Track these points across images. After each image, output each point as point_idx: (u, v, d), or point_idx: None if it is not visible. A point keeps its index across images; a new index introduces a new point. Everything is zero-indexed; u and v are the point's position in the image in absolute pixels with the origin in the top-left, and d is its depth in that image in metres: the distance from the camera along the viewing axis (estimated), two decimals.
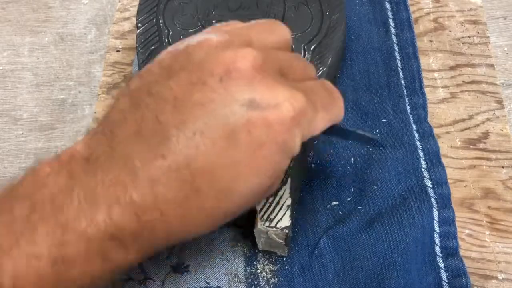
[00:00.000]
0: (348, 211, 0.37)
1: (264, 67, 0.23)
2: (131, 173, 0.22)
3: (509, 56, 0.44)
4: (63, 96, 0.45)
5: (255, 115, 0.22)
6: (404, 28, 0.44)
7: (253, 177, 0.23)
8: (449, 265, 0.35)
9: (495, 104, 0.42)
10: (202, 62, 0.23)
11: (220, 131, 0.22)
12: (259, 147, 0.23)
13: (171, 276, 0.35)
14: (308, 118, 0.24)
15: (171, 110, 0.22)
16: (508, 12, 0.46)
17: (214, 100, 0.22)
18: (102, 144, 0.23)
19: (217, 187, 0.23)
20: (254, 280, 0.35)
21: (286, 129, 0.23)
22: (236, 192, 0.23)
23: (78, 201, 0.22)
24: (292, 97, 0.23)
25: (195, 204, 0.23)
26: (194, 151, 0.22)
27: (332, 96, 0.28)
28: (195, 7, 0.39)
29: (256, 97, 0.23)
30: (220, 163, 0.22)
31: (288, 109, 0.23)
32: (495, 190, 0.38)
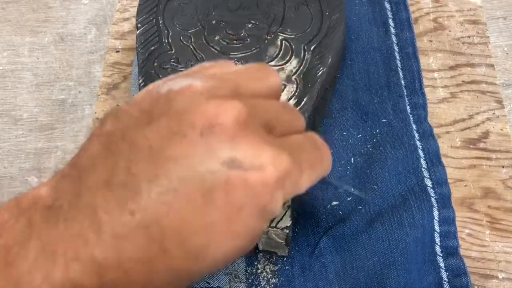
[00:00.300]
0: (348, 211, 0.37)
1: (249, 122, 0.22)
2: (95, 227, 0.20)
3: (509, 56, 0.44)
4: (63, 96, 0.45)
5: (235, 176, 0.21)
6: (404, 28, 0.44)
7: (228, 240, 0.21)
8: (449, 264, 0.35)
9: (495, 104, 0.42)
10: (184, 112, 0.21)
11: (196, 189, 0.20)
12: (237, 210, 0.21)
13: None
14: (293, 179, 0.22)
15: (145, 161, 0.21)
16: (508, 12, 0.46)
17: (192, 155, 0.21)
18: (68, 191, 0.21)
19: (187, 248, 0.21)
20: (255, 280, 0.35)
21: (268, 192, 0.21)
22: (207, 255, 0.21)
23: (35, 254, 0.20)
24: (277, 158, 0.21)
25: (162, 265, 0.21)
26: (166, 208, 0.20)
27: (320, 152, 0.26)
28: (195, 8, 0.39)
29: (238, 156, 0.21)
30: (193, 224, 0.21)
31: (272, 171, 0.21)
32: (495, 189, 0.38)
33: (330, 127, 0.40)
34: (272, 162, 0.21)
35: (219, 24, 0.39)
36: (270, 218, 0.23)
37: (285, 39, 0.38)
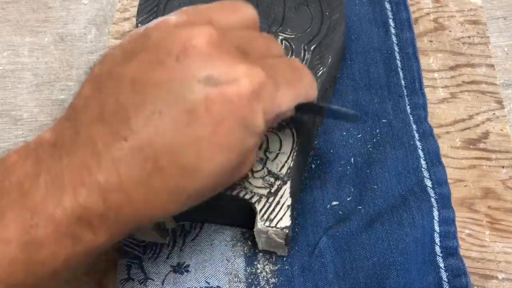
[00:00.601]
0: (348, 211, 0.37)
1: (222, 43, 0.24)
2: (95, 155, 0.22)
3: (509, 56, 0.44)
4: (63, 96, 0.45)
5: (213, 91, 0.23)
6: (404, 28, 0.44)
7: (216, 154, 0.23)
8: (449, 264, 0.35)
9: (495, 104, 0.42)
10: (159, 42, 0.23)
11: (179, 109, 0.22)
12: (219, 122, 0.23)
13: (171, 276, 0.35)
14: (269, 93, 0.24)
15: (130, 91, 0.23)
16: (508, 12, 0.46)
17: (171, 79, 0.23)
18: (68, 129, 0.23)
19: (180, 165, 0.23)
20: (254, 280, 0.35)
21: (245, 104, 0.23)
22: (199, 169, 0.23)
23: (45, 185, 0.22)
24: (250, 71, 0.23)
25: (159, 183, 0.23)
26: (154, 130, 0.22)
27: (299, 72, 0.28)
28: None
29: (214, 73, 0.23)
30: (181, 141, 0.23)
31: (247, 83, 0.23)
32: (495, 190, 0.38)
33: (330, 127, 0.40)
34: (246, 75, 0.23)
35: None
36: (254, 132, 0.24)
37: (285, 39, 0.38)
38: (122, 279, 0.35)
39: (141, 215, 0.24)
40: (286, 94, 0.26)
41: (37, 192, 0.22)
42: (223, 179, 0.25)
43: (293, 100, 0.27)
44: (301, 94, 0.27)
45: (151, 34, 0.24)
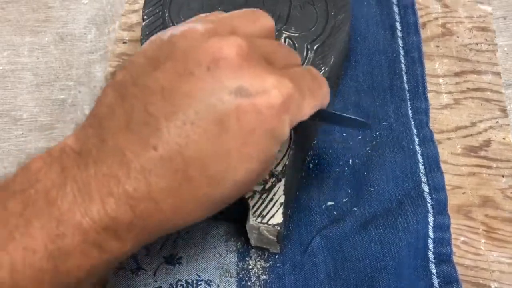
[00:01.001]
0: (343, 212, 0.37)
1: (250, 54, 0.24)
2: (123, 165, 0.22)
3: (509, 56, 0.44)
4: (63, 96, 0.45)
5: (244, 102, 0.23)
6: (411, 32, 0.44)
7: (244, 163, 0.24)
8: (441, 271, 0.34)
9: (499, 112, 0.41)
10: (188, 52, 0.24)
11: (210, 119, 0.23)
12: (249, 133, 0.23)
13: (163, 267, 0.35)
14: (296, 103, 0.25)
15: (160, 101, 0.23)
16: (508, 12, 0.46)
17: (202, 89, 0.23)
18: (93, 137, 0.23)
19: (209, 174, 0.23)
20: (245, 275, 0.35)
21: (275, 115, 0.23)
22: (228, 179, 0.23)
23: (72, 194, 0.22)
24: (280, 83, 0.24)
25: (188, 193, 0.23)
26: (185, 140, 0.22)
27: (318, 81, 0.28)
28: (201, 2, 0.40)
29: (244, 85, 0.23)
30: (212, 151, 0.23)
31: (277, 95, 0.23)
32: (493, 198, 0.38)
33: (330, 127, 0.40)
34: (276, 86, 0.24)
35: None
36: (280, 141, 0.25)
37: (288, 37, 0.38)
38: (115, 267, 0.35)
39: (168, 223, 0.24)
40: (310, 104, 0.26)
41: (64, 201, 0.22)
42: (248, 186, 0.25)
43: (314, 108, 0.27)
44: (320, 102, 0.28)
45: (177, 42, 0.24)
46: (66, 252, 0.22)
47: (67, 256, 0.22)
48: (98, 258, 0.23)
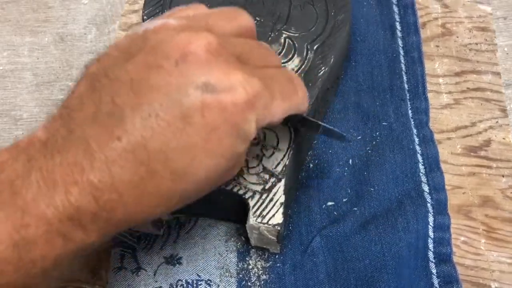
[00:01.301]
0: (343, 212, 0.37)
1: (220, 51, 0.24)
2: (88, 155, 0.22)
3: (509, 56, 0.44)
4: (63, 96, 0.44)
5: (209, 98, 0.23)
6: (411, 32, 0.44)
7: (208, 159, 0.24)
8: (441, 271, 0.34)
9: (499, 112, 0.41)
10: (158, 46, 0.24)
11: (175, 113, 0.23)
12: (213, 129, 0.23)
13: (164, 267, 0.35)
14: (264, 103, 0.25)
15: (127, 92, 0.23)
16: (508, 12, 0.46)
17: (169, 83, 0.23)
18: (61, 128, 0.23)
19: (172, 168, 0.23)
20: (245, 275, 0.35)
21: (239, 112, 0.24)
22: (191, 174, 0.23)
23: (37, 184, 0.22)
24: (247, 81, 0.24)
25: (151, 185, 0.23)
26: (149, 132, 0.22)
27: (294, 85, 0.28)
28: (201, 2, 0.40)
29: (211, 80, 0.23)
30: (175, 145, 0.23)
31: (242, 92, 0.23)
32: (493, 198, 0.38)
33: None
34: (242, 84, 0.24)
35: None
36: (245, 139, 0.25)
37: (288, 37, 0.38)
38: (115, 267, 0.35)
39: (132, 216, 0.24)
40: (280, 105, 0.26)
41: (28, 191, 0.22)
42: (213, 182, 0.25)
43: (286, 111, 0.27)
44: (293, 106, 0.28)
45: (149, 36, 0.25)
46: (31, 242, 0.22)
47: (31, 246, 0.22)
48: (63, 248, 0.23)
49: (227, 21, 0.27)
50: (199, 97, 0.23)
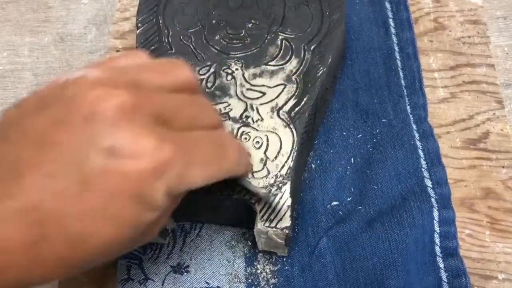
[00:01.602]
0: (348, 211, 0.37)
1: (136, 111, 0.22)
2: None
3: (509, 56, 0.44)
4: None
5: (111, 164, 0.21)
6: (404, 28, 0.44)
7: (107, 228, 0.22)
8: (449, 265, 0.35)
9: (495, 104, 0.42)
10: (72, 99, 0.22)
11: (73, 176, 0.21)
12: (113, 196, 0.21)
13: (171, 276, 0.35)
14: (176, 172, 0.23)
15: (31, 148, 0.21)
16: (508, 12, 0.46)
17: (73, 142, 0.21)
18: None
19: (68, 235, 0.21)
20: (254, 280, 0.35)
21: (144, 181, 0.22)
22: (89, 242, 0.22)
23: None
24: (157, 148, 0.22)
25: (46, 251, 0.21)
26: (45, 194, 0.21)
27: (224, 151, 0.26)
28: (195, 7, 0.39)
29: (116, 145, 0.21)
30: (71, 210, 0.21)
31: (148, 161, 0.22)
32: (495, 190, 0.38)
33: (330, 127, 0.40)
34: (150, 152, 0.22)
35: (219, 23, 0.39)
36: (151, 208, 0.23)
37: (285, 39, 0.38)
38: (122, 279, 0.35)
39: (27, 280, 0.22)
40: (199, 172, 0.24)
41: None
42: (117, 250, 0.24)
43: (208, 178, 0.25)
44: (222, 172, 0.26)
45: (67, 88, 0.23)
46: None
47: None
48: None
49: (160, 75, 0.25)
50: (100, 162, 0.21)
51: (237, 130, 0.35)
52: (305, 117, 0.35)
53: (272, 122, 0.35)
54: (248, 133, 0.34)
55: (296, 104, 0.35)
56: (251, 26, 0.39)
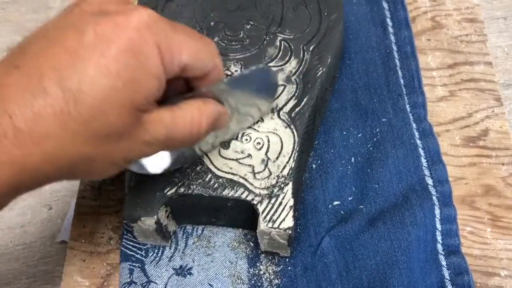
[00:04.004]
0: (350, 210, 0.37)
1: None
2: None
3: (509, 56, 0.44)
4: None
5: (103, 18, 0.24)
6: (402, 27, 0.44)
7: (103, 78, 0.23)
8: (451, 263, 0.35)
9: (494, 101, 0.42)
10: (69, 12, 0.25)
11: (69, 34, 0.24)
12: (107, 45, 0.23)
13: (174, 279, 0.35)
14: (163, 29, 0.25)
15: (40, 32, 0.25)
16: (508, 12, 0.47)
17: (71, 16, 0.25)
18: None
19: (64, 87, 0.23)
20: (257, 281, 0.35)
21: (134, 28, 0.24)
22: (85, 93, 0.23)
23: None
24: (142, 9, 0.25)
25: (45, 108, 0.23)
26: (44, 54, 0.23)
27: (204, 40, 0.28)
28: (193, 9, 0.39)
29: (107, 9, 0.25)
30: (67, 62, 0.23)
31: (135, 13, 0.24)
32: (495, 187, 0.38)
33: (330, 127, 0.40)
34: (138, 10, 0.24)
35: (217, 25, 0.39)
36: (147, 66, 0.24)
37: (284, 40, 0.38)
38: (125, 283, 0.35)
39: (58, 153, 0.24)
40: (185, 41, 0.26)
41: None
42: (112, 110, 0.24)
43: (194, 53, 0.27)
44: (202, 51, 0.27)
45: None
46: None
47: None
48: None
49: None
50: (92, 19, 0.24)
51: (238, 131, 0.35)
52: (306, 118, 0.35)
53: (272, 123, 0.35)
54: (249, 134, 0.34)
55: (296, 105, 0.35)
56: (250, 27, 0.39)
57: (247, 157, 0.34)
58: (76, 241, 0.38)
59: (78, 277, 0.36)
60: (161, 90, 0.26)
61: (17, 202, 0.53)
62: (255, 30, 0.38)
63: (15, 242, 0.51)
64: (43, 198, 0.53)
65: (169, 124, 0.26)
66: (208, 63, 0.28)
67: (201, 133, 0.28)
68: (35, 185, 0.25)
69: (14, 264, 0.50)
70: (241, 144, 0.34)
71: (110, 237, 0.38)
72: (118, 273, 0.36)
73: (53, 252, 0.50)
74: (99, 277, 0.36)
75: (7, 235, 0.51)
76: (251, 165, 0.33)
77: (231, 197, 0.33)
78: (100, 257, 0.37)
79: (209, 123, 0.29)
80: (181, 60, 0.26)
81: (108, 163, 0.26)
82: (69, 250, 0.37)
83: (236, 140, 0.34)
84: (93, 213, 0.39)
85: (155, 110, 0.26)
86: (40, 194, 0.53)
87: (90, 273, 0.36)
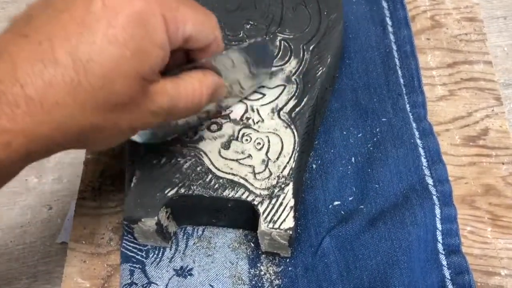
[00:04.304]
0: (350, 210, 0.37)
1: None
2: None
3: (509, 56, 0.44)
4: None
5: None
6: (401, 26, 0.44)
7: (111, 47, 0.23)
8: (451, 262, 0.35)
9: (494, 101, 0.42)
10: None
11: (78, 6, 0.24)
12: (114, 14, 0.24)
13: (175, 280, 0.35)
14: (170, 2, 0.25)
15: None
16: (508, 12, 0.47)
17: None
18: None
19: (74, 56, 0.23)
20: (258, 282, 0.35)
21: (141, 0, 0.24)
22: (94, 61, 0.23)
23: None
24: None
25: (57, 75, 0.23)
26: (53, 24, 0.23)
27: (208, 15, 0.29)
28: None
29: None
30: (76, 31, 0.23)
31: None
32: (495, 186, 0.38)
33: (330, 127, 0.40)
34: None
35: None
36: (154, 35, 0.25)
37: (284, 40, 0.38)
38: (125, 284, 0.35)
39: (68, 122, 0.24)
40: (189, 13, 0.27)
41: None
42: (120, 79, 0.24)
43: (198, 24, 0.27)
44: (205, 23, 0.28)
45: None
46: None
47: None
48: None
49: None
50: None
51: (238, 131, 0.35)
52: (306, 118, 0.35)
53: (273, 123, 0.35)
54: (249, 134, 0.34)
55: (296, 105, 0.35)
56: (249, 27, 0.39)
57: (248, 157, 0.34)
58: (76, 242, 0.38)
59: (79, 278, 0.36)
60: (165, 60, 0.26)
61: (17, 202, 0.53)
62: (255, 30, 0.38)
63: (15, 242, 0.51)
64: (43, 198, 0.53)
65: (172, 94, 0.27)
66: (210, 35, 0.29)
67: (202, 103, 0.29)
68: (46, 153, 0.25)
69: (14, 264, 0.50)
70: (241, 144, 0.34)
71: (111, 238, 0.38)
72: (119, 274, 0.36)
73: (53, 252, 0.50)
74: (100, 278, 0.36)
75: (7, 235, 0.51)
76: (251, 166, 0.33)
77: (231, 198, 0.32)
78: (101, 258, 0.37)
79: (209, 94, 0.29)
80: (185, 31, 0.27)
81: (116, 132, 0.26)
82: (69, 251, 0.37)
83: (237, 141, 0.34)
84: (93, 214, 0.39)
85: (160, 80, 0.26)
86: (40, 194, 0.52)
87: (90, 274, 0.36)
